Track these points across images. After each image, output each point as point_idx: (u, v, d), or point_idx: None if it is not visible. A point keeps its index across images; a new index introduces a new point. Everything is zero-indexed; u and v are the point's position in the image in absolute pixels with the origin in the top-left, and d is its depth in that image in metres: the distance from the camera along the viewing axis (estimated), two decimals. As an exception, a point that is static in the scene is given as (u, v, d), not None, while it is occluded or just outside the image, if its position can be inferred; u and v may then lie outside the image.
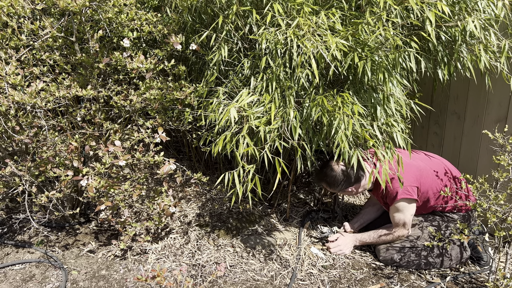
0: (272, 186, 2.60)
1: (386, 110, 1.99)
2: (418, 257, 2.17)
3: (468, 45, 2.13)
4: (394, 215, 2.17)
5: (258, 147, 1.89)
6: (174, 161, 2.10)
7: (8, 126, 1.97)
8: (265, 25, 1.94)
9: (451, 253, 2.19)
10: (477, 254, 2.24)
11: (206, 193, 2.79)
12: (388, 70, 1.90)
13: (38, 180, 2.09)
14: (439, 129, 2.78)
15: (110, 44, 2.34)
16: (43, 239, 2.34)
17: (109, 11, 2.08)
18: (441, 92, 2.70)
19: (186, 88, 2.24)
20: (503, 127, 2.34)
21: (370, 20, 1.77)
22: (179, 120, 2.44)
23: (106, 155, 1.98)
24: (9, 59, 1.96)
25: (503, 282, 1.84)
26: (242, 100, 1.87)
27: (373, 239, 2.28)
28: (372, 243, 2.31)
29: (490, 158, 2.44)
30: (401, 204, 2.12)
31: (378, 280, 2.11)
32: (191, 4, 2.21)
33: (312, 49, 1.71)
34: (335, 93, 1.92)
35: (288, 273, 2.14)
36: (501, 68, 2.08)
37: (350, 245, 2.34)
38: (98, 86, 2.14)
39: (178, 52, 2.36)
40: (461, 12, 1.98)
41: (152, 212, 2.24)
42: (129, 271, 2.11)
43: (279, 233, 2.46)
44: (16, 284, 2.00)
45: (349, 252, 2.33)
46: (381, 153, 1.92)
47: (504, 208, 1.87)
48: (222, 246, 2.32)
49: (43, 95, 1.90)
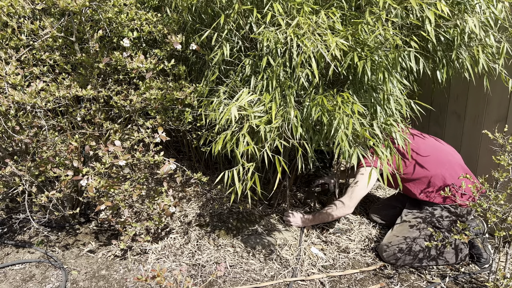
0: (272, 186, 2.60)
1: (386, 110, 1.99)
2: (421, 252, 2.18)
3: (467, 47, 2.13)
4: (356, 178, 2.32)
5: (259, 146, 1.89)
6: (174, 161, 2.10)
7: (8, 126, 1.96)
8: (265, 24, 1.94)
9: (455, 248, 2.20)
10: (477, 251, 2.24)
11: (206, 193, 2.79)
12: (388, 70, 1.91)
13: (38, 180, 2.09)
14: (439, 129, 2.78)
15: (110, 44, 2.34)
16: (43, 239, 2.34)
17: (109, 11, 2.08)
18: (441, 92, 2.70)
19: (186, 88, 2.24)
20: (503, 127, 2.34)
21: (369, 19, 1.77)
22: (179, 120, 2.44)
23: (106, 155, 1.98)
24: (9, 59, 1.96)
25: (503, 282, 1.84)
26: (242, 99, 1.87)
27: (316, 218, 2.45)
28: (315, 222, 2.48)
29: (490, 158, 2.44)
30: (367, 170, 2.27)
31: (378, 280, 2.11)
32: (191, 4, 2.22)
33: (312, 48, 1.72)
34: (335, 93, 1.93)
35: (288, 273, 2.14)
36: (500, 70, 2.08)
37: (298, 220, 2.52)
38: (98, 86, 2.14)
39: (178, 52, 2.36)
40: (460, 13, 1.98)
41: (152, 212, 2.24)
42: (129, 271, 2.11)
43: (279, 233, 2.46)
44: (16, 284, 1.99)
45: (295, 225, 2.52)
46: (381, 151, 1.92)
47: (504, 208, 1.87)
48: (222, 246, 2.32)
49: (43, 95, 1.90)
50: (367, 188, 2.27)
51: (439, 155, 2.28)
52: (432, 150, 2.30)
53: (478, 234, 2.35)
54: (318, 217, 2.42)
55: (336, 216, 2.34)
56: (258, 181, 1.85)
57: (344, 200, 2.29)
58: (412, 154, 2.27)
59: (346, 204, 2.28)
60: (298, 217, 2.51)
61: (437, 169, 2.24)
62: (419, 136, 2.37)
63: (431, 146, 2.32)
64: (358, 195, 2.27)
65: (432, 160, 2.26)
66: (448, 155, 2.30)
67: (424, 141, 2.34)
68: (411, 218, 2.30)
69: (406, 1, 1.79)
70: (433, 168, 2.24)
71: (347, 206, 2.28)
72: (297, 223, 2.50)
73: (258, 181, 1.85)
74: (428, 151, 2.28)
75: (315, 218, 2.44)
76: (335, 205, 2.33)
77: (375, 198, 3.02)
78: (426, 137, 2.37)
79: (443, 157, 2.28)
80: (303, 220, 2.49)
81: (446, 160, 2.27)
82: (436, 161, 2.25)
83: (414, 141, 2.32)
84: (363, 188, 2.26)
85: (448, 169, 2.24)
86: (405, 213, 2.35)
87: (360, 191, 2.26)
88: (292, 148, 2.35)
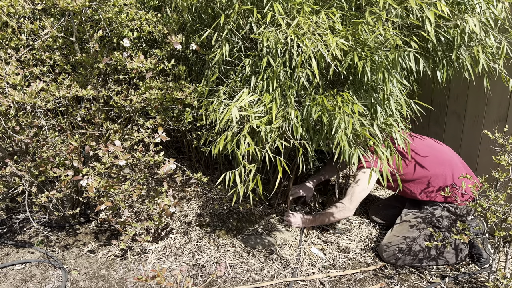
0: (273, 186, 2.60)
1: (386, 110, 1.99)
2: (421, 252, 2.18)
3: (467, 47, 2.13)
4: (355, 179, 2.31)
5: (259, 146, 1.89)
6: (174, 161, 2.09)
7: (8, 126, 1.96)
8: (265, 25, 1.94)
9: (455, 248, 2.20)
10: (477, 251, 2.24)
11: (206, 193, 2.79)
12: (388, 70, 1.91)
13: (38, 180, 2.09)
14: (439, 129, 2.78)
15: (110, 44, 2.34)
16: (43, 239, 2.33)
17: (109, 11, 2.08)
18: (441, 92, 2.71)
19: (186, 88, 2.24)
20: (503, 127, 2.34)
21: (370, 20, 1.77)
22: (179, 120, 2.44)
23: (106, 155, 1.98)
24: (9, 59, 1.96)
25: (503, 282, 1.84)
26: (242, 99, 1.87)
27: (317, 219, 2.44)
28: (316, 223, 2.47)
29: (490, 158, 2.44)
30: (365, 173, 2.26)
31: (378, 280, 2.11)
32: (191, 4, 2.22)
33: (312, 48, 1.72)
34: (335, 93, 1.93)
35: (288, 273, 2.14)
36: (500, 70, 2.08)
37: (298, 220, 2.52)
38: (98, 86, 2.14)
39: (178, 52, 2.36)
40: (461, 13, 1.99)
41: (152, 212, 2.24)
42: (129, 271, 2.11)
43: (279, 233, 2.46)
44: (16, 284, 1.99)
45: (295, 225, 2.53)
46: (381, 151, 1.92)
47: (504, 208, 1.87)
48: (222, 246, 2.32)
49: (43, 95, 1.90)
50: (367, 190, 2.26)
51: (438, 155, 2.28)
52: (431, 150, 2.30)
53: (478, 234, 2.35)
54: (318, 218, 2.42)
55: (336, 219, 2.33)
56: (260, 182, 1.85)
57: (345, 202, 2.28)
58: (411, 154, 2.27)
59: (346, 206, 2.27)
60: (298, 217, 2.51)
61: (436, 169, 2.24)
62: (417, 137, 2.38)
63: (430, 146, 2.33)
64: (359, 197, 2.26)
65: (431, 160, 2.26)
66: (447, 155, 2.31)
67: (422, 141, 2.34)
68: (411, 218, 2.30)
69: (406, 1, 1.80)
70: (432, 168, 2.24)
71: (348, 209, 2.27)
72: (297, 223, 2.50)
73: (260, 182, 1.85)
74: (426, 151, 2.29)
75: (315, 219, 2.43)
76: (335, 207, 2.32)
77: (375, 198, 3.02)
78: (425, 138, 2.38)
79: (443, 157, 2.28)
80: (303, 221, 2.49)
81: (446, 159, 2.27)
82: (435, 161, 2.26)
83: (413, 141, 2.32)
84: (364, 190, 2.26)
85: (449, 168, 2.24)
86: (405, 213, 2.36)
87: (361, 193, 2.26)
88: (292, 148, 2.35)
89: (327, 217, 2.36)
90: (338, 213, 2.30)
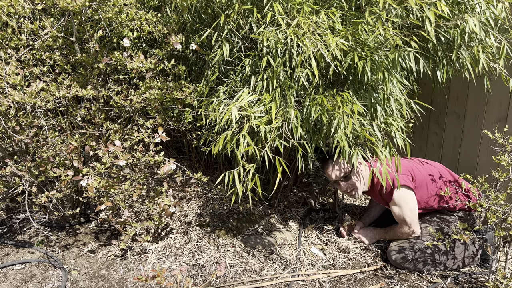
0: (273, 186, 2.60)
1: (386, 110, 1.99)
2: (430, 257, 2.16)
3: (467, 47, 2.13)
4: (394, 211, 2.20)
5: (259, 146, 1.89)
6: (174, 161, 2.10)
7: (8, 126, 1.97)
8: (265, 24, 1.94)
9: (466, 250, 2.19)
10: (484, 256, 2.23)
11: (206, 193, 2.79)
12: (388, 70, 1.91)
13: (38, 180, 2.09)
14: (439, 129, 2.78)
15: (110, 44, 2.34)
16: (43, 239, 2.34)
17: (109, 11, 2.08)
18: (441, 92, 2.70)
19: (186, 88, 2.24)
20: (503, 127, 2.34)
21: (369, 20, 1.77)
22: (179, 120, 2.44)
23: (106, 155, 1.98)
24: (9, 59, 1.96)
25: (503, 282, 1.84)
26: (242, 99, 1.87)
27: (388, 234, 2.36)
28: (386, 238, 2.38)
29: (490, 158, 2.44)
30: (397, 196, 2.15)
31: (378, 280, 2.11)
32: (191, 4, 2.22)
33: (312, 48, 1.72)
34: (335, 93, 1.93)
35: (288, 273, 2.14)
36: (500, 70, 2.08)
37: (371, 237, 2.43)
38: (98, 86, 2.14)
39: (178, 52, 2.36)
40: (461, 13, 1.99)
41: (152, 212, 2.24)
42: (129, 271, 2.11)
43: (279, 233, 2.46)
44: (16, 284, 1.99)
45: (368, 243, 2.42)
46: (380, 151, 1.92)
47: (504, 208, 1.87)
48: (222, 246, 2.32)
49: (43, 95, 1.90)
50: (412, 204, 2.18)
51: (416, 173, 2.23)
52: (412, 171, 2.23)
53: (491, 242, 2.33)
54: (389, 233, 2.36)
55: (406, 236, 2.26)
56: (259, 182, 1.85)
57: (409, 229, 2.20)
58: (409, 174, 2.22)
59: (412, 230, 2.20)
60: (370, 234, 2.45)
61: (420, 193, 2.22)
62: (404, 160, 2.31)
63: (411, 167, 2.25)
64: (414, 217, 2.18)
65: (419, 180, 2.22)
66: (426, 175, 2.25)
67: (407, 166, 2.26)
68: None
69: (406, 1, 1.79)
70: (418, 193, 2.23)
71: (415, 232, 2.22)
72: (372, 239, 2.44)
73: (259, 182, 1.85)
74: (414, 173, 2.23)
75: (387, 233, 2.38)
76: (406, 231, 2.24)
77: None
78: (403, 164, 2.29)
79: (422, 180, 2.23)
80: (375, 235, 2.44)
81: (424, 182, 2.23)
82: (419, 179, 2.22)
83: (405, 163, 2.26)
84: (410, 210, 2.17)
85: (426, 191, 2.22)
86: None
87: (412, 212, 2.17)
88: (292, 148, 2.35)
89: (398, 235, 2.29)
90: (409, 235, 2.24)
